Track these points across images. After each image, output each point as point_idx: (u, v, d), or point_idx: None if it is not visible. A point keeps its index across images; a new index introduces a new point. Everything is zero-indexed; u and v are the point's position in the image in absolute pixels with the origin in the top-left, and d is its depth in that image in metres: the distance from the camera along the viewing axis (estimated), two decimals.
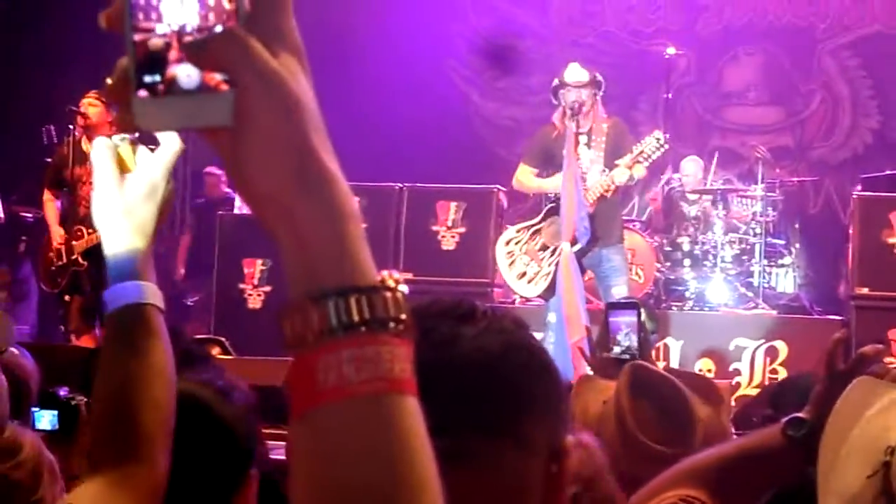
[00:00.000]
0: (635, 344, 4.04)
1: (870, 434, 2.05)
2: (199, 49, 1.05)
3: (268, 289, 11.32)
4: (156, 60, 1.05)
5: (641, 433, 3.17)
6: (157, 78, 1.05)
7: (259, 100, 1.06)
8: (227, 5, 1.06)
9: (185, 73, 1.05)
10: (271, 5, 1.09)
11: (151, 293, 2.05)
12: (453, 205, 11.49)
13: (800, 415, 2.40)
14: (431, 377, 1.48)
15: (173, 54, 1.05)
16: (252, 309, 11.40)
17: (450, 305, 1.56)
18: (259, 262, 11.35)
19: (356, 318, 1.08)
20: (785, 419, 2.42)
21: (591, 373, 4.24)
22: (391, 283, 1.12)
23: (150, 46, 1.05)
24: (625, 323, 4.10)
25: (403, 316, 1.11)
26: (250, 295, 11.45)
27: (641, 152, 8.85)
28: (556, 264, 8.85)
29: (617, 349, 4.07)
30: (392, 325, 1.10)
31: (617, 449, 3.14)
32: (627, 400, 3.24)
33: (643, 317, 4.30)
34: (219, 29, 1.06)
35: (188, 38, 1.06)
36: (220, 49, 1.05)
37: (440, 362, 1.47)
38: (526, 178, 9.36)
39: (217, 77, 1.05)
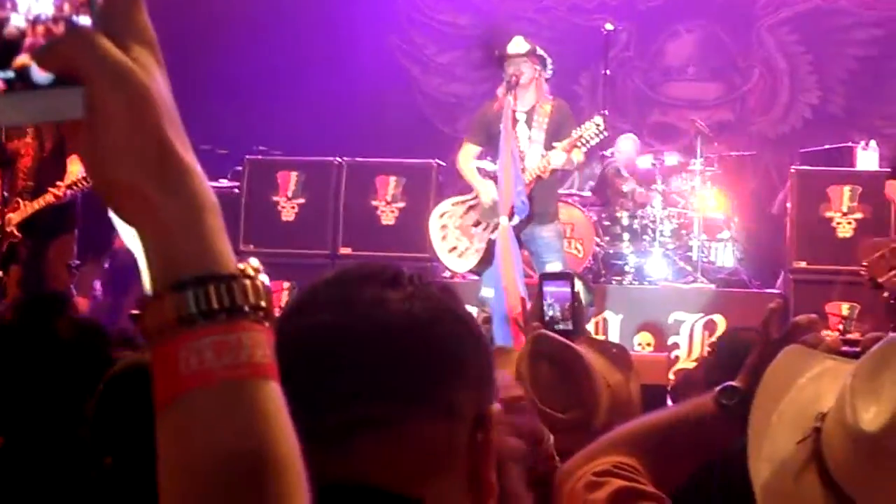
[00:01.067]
0: (559, 314, 4.03)
1: (801, 401, 2.05)
2: (46, 53, 1.07)
3: None
4: (10, 50, 1.07)
5: (541, 400, 3.16)
6: (11, 74, 1.07)
7: (107, 93, 1.06)
8: None
9: (38, 69, 1.06)
10: (126, 2, 1.09)
11: None
12: (392, 179, 11.48)
13: (732, 383, 2.40)
14: (357, 341, 1.47)
15: (28, 42, 1.07)
16: None
17: (376, 270, 1.55)
18: None
19: (216, 305, 1.08)
20: (718, 387, 2.42)
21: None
22: (251, 272, 1.12)
23: (5, 36, 1.07)
24: (558, 293, 4.09)
25: (263, 303, 1.12)
26: None
27: (580, 137, 8.83)
28: (489, 240, 8.85)
29: (549, 319, 4.05)
30: (252, 311, 1.11)
31: None
32: (527, 368, 3.24)
33: (578, 288, 4.29)
34: (64, 28, 1.08)
35: (42, 28, 1.08)
36: (66, 49, 1.06)
37: (366, 326, 1.47)
38: (465, 162, 9.31)
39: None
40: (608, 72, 11.96)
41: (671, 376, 9.36)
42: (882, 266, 8.56)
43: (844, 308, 10.57)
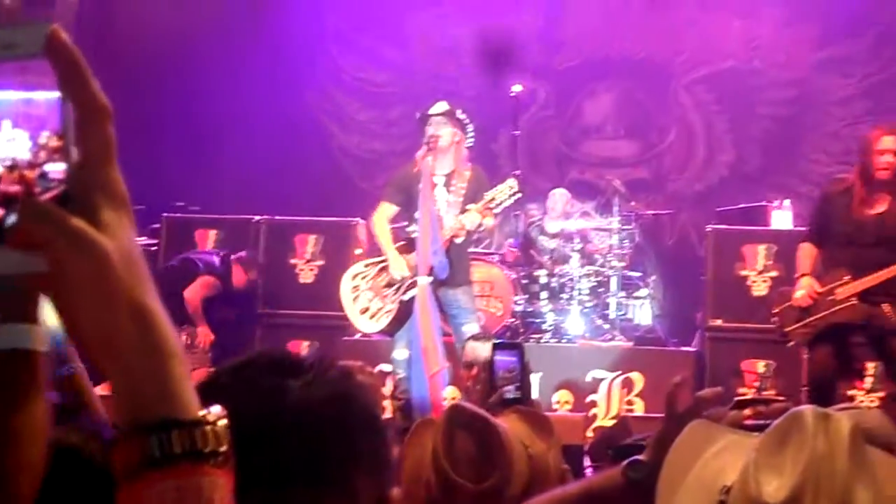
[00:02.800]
0: (516, 384, 4.05)
1: (705, 476, 2.07)
2: (9, 235, 1.12)
3: None
4: None
5: (456, 471, 3.16)
6: None
7: (68, 260, 1.11)
8: (55, 144, 1.13)
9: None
10: (98, 158, 1.14)
11: (42, 337, 1.99)
12: (312, 238, 11.48)
13: (639, 457, 2.42)
14: (258, 429, 1.48)
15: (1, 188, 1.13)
16: None
17: (276, 358, 1.56)
18: None
19: (178, 450, 1.13)
20: (625, 461, 2.43)
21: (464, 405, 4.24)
22: (211, 417, 1.17)
23: None
24: (507, 363, 4.11)
25: (223, 448, 1.17)
26: None
27: (493, 199, 8.88)
28: (401, 301, 8.85)
29: (502, 389, 4.08)
30: (212, 456, 1.16)
31: (434, 492, 3.16)
32: (442, 439, 3.24)
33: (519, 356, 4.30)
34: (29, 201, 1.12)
35: (17, 174, 1.13)
36: (28, 224, 1.11)
37: (266, 415, 1.48)
38: (380, 224, 9.32)
39: None
40: (518, 132, 11.99)
41: (590, 433, 9.41)
42: (790, 317, 8.68)
43: (760, 365, 10.66)
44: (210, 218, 11.88)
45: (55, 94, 1.12)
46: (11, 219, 1.11)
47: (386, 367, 9.98)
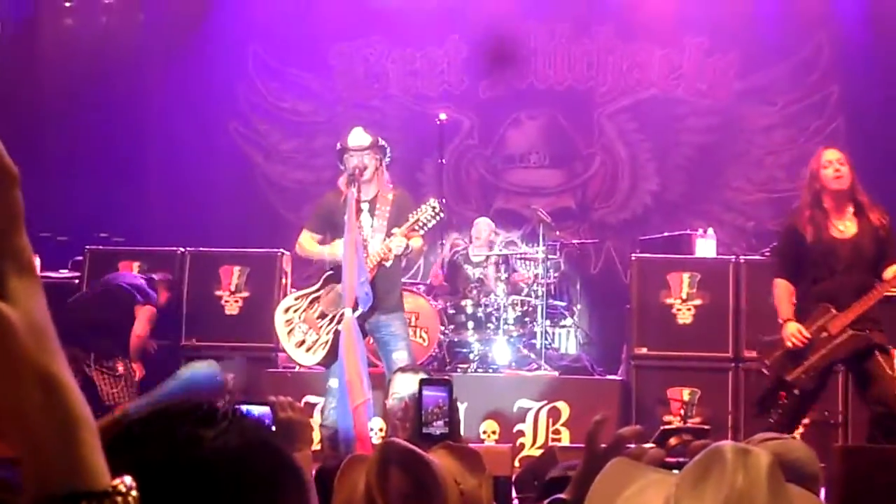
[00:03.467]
0: (444, 421, 4.03)
1: None
2: None
3: None
4: None
5: None
6: None
7: None
8: None
9: None
10: (5, 226, 1.13)
11: None
12: (237, 269, 11.43)
13: (561, 496, 2.41)
14: (173, 479, 1.45)
15: None
16: None
17: (190, 407, 1.54)
18: None
19: None
20: (547, 500, 2.42)
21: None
22: (123, 488, 1.15)
23: None
24: (436, 399, 4.09)
25: None
26: None
27: (417, 220, 8.85)
28: (335, 332, 8.80)
29: (428, 425, 4.05)
30: None
31: None
32: (375, 476, 3.22)
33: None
34: None
35: None
36: None
37: (181, 465, 1.46)
38: (308, 243, 9.28)
39: None
40: (444, 161, 12.03)
41: (517, 464, 9.39)
42: (784, 364, 8.44)
43: (686, 393, 10.72)
44: (134, 249, 11.77)
45: None
46: None
47: (312, 399, 9.94)
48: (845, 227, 8.18)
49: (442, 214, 8.97)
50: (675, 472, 2.06)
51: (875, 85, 14.30)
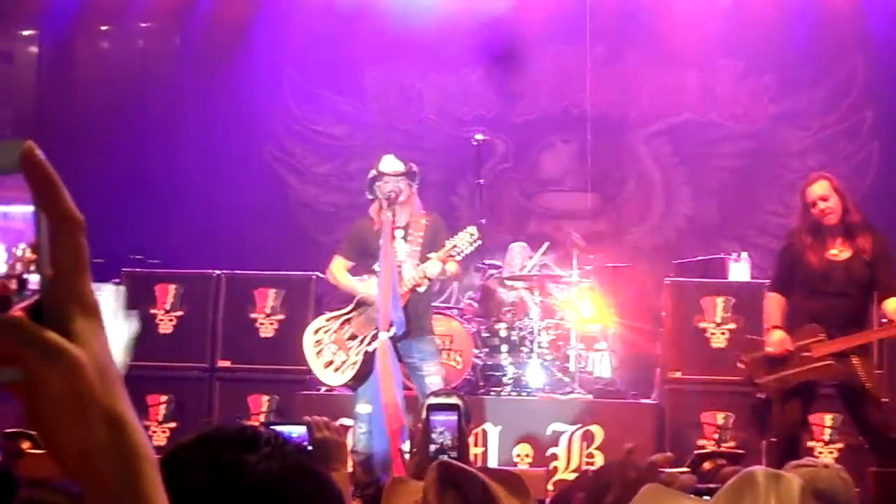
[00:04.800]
0: (449, 442, 4.05)
1: None
2: None
3: None
4: None
5: None
6: None
7: (40, 370, 1.12)
8: (31, 256, 1.17)
9: None
10: (71, 270, 1.16)
11: None
12: (272, 292, 11.47)
13: None
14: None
15: None
16: None
17: (234, 433, 1.58)
18: None
19: None
20: None
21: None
22: None
23: None
24: (441, 422, 4.11)
25: None
26: None
27: (454, 246, 8.89)
28: (365, 353, 8.84)
29: (433, 448, 4.07)
30: None
31: None
32: (434, 495, 3.24)
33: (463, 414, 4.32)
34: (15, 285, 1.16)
35: None
36: (2, 337, 1.12)
37: (225, 490, 1.49)
38: (340, 272, 9.32)
39: None
40: (482, 181, 12.06)
41: (550, 487, 9.39)
42: (761, 367, 8.64)
43: (720, 417, 10.70)
44: (170, 272, 11.83)
45: (30, 208, 1.16)
46: None
47: (347, 422, 9.97)
48: (839, 250, 8.43)
49: (479, 242, 9.01)
50: (707, 497, 2.08)
51: None
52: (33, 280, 1.16)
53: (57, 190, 1.15)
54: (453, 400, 5.33)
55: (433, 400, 8.32)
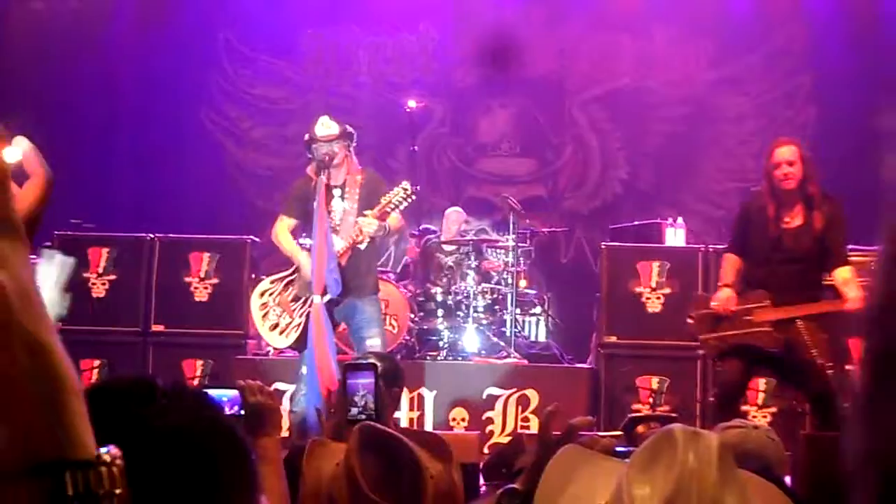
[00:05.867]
0: (371, 405, 4.03)
1: (579, 497, 2.07)
2: None
3: None
4: None
5: (372, 491, 3.16)
6: None
7: None
8: None
9: None
10: None
11: None
12: (206, 255, 11.40)
13: (514, 485, 2.42)
14: None
15: None
16: None
17: (128, 385, 1.53)
18: None
19: (70, 492, 1.09)
20: (500, 490, 2.43)
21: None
22: (107, 458, 1.13)
23: None
24: (361, 384, 4.08)
25: (119, 490, 1.13)
26: None
27: (389, 202, 8.85)
28: (308, 315, 8.80)
29: (354, 410, 4.04)
30: (107, 499, 1.12)
31: None
32: (357, 459, 3.23)
33: (381, 378, 4.29)
34: None
35: None
36: None
37: (120, 444, 1.45)
38: (283, 234, 9.26)
39: None
40: (416, 148, 12.02)
41: (486, 451, 9.42)
42: (706, 324, 8.61)
43: (654, 382, 10.75)
44: (103, 236, 11.72)
45: None
46: None
47: (282, 386, 9.93)
48: (791, 219, 8.36)
49: (414, 196, 8.98)
50: (627, 461, 2.07)
51: (846, 76, 14.34)
52: None
53: None
54: (370, 360, 5.29)
55: (367, 350, 8.35)
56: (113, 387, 1.55)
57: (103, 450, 1.13)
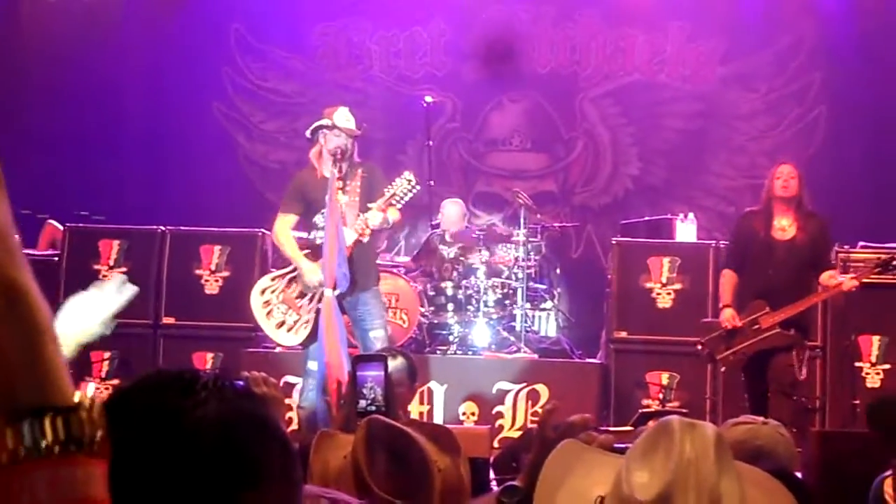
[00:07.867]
0: (381, 397, 4.03)
1: (579, 489, 2.09)
2: None
3: None
4: None
5: (377, 486, 3.17)
6: None
7: None
8: None
9: None
10: None
11: None
12: (217, 248, 11.42)
13: (514, 482, 2.43)
14: (156, 452, 1.45)
15: None
16: None
17: (170, 378, 1.54)
18: None
19: (50, 438, 1.07)
20: (500, 487, 2.44)
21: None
22: (87, 403, 1.11)
23: None
24: (371, 377, 4.09)
25: (98, 435, 1.11)
26: None
27: (393, 195, 8.84)
28: (317, 311, 8.77)
29: (363, 402, 4.05)
30: (87, 445, 1.10)
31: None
32: (363, 453, 3.23)
33: (391, 369, 4.30)
34: None
35: None
36: None
37: (163, 437, 1.46)
38: (284, 235, 9.23)
39: None
40: (431, 143, 12.02)
41: (496, 444, 9.44)
42: (718, 345, 9.35)
43: (664, 377, 10.75)
44: (114, 228, 11.75)
45: None
46: None
47: (291, 379, 9.94)
48: (785, 231, 9.25)
49: (418, 187, 8.98)
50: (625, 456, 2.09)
51: (857, 74, 14.32)
52: None
53: None
54: (381, 352, 5.30)
55: (370, 343, 8.36)
56: (157, 379, 1.56)
57: (81, 394, 1.11)
